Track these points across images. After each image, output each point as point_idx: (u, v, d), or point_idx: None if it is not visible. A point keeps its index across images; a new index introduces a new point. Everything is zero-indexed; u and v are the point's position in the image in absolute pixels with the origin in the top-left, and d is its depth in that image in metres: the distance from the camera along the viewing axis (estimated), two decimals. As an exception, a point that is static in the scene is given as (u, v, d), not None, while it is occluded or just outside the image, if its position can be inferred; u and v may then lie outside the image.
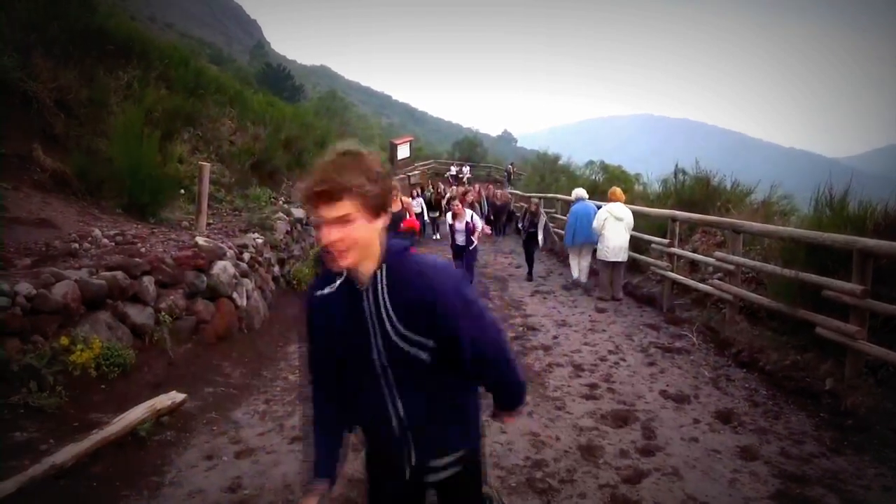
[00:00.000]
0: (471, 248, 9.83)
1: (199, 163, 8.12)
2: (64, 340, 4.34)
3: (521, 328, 7.48)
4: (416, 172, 34.72)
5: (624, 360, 6.23)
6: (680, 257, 8.43)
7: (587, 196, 10.80)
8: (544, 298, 9.52)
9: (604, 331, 7.38)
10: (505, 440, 4.28)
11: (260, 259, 7.93)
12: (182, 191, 9.14)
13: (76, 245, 5.72)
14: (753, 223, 7.04)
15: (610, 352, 6.49)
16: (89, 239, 6.02)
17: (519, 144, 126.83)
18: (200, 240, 6.72)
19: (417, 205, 16.42)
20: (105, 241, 6.12)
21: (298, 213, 10.35)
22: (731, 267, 6.82)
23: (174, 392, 4.56)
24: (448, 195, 17.15)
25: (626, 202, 9.43)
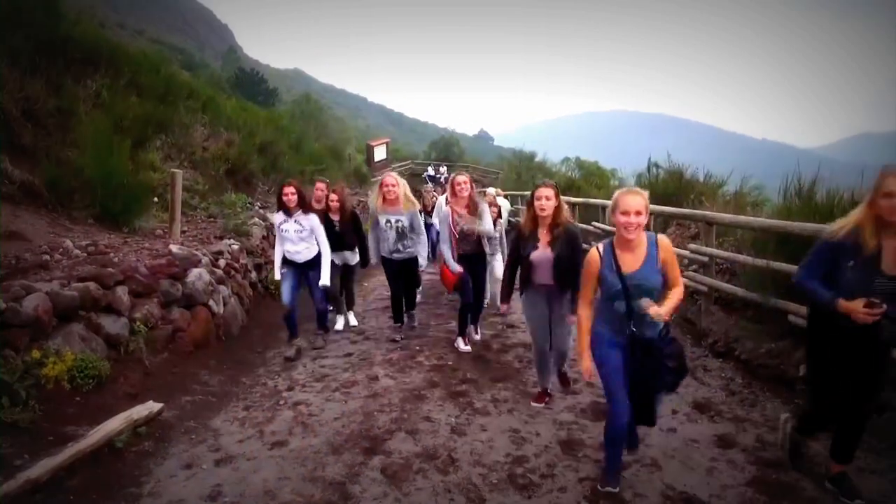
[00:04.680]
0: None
1: (172, 170, 8.04)
2: (35, 354, 4.27)
3: (500, 326, 7.50)
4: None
5: (603, 353, 6.28)
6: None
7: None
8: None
9: (582, 326, 7.42)
10: (486, 437, 4.31)
11: (236, 265, 7.88)
12: (155, 199, 9.05)
13: (47, 257, 5.64)
14: (725, 215, 7.13)
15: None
16: (60, 250, 5.94)
17: (496, 143, 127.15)
18: (174, 248, 6.66)
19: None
20: (77, 251, 6.04)
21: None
22: (705, 258, 6.90)
23: (151, 402, 4.51)
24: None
25: (602, 197, 9.70)
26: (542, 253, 4.57)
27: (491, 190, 9.79)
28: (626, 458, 3.91)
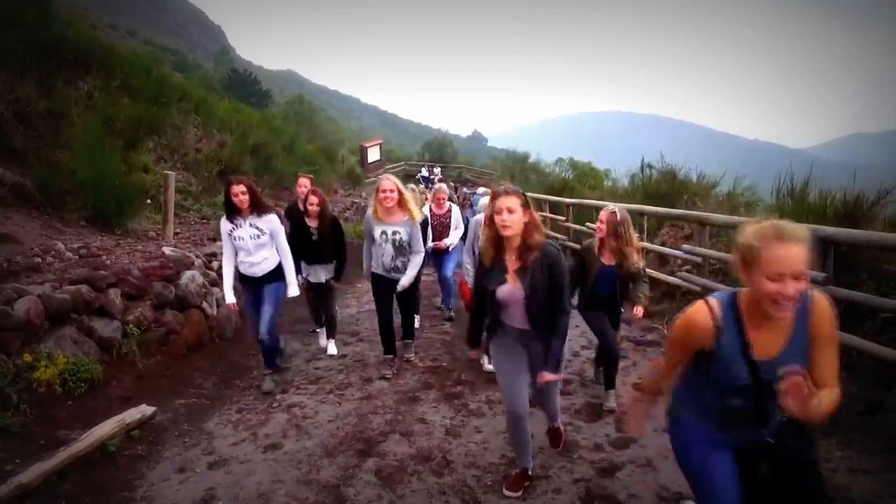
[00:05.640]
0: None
1: (164, 172, 8.02)
2: (27, 357, 4.25)
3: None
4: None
5: (597, 354, 6.29)
6: (649, 251, 8.53)
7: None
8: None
9: (576, 326, 7.37)
10: (480, 439, 4.31)
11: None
12: (148, 201, 9.02)
13: (39, 259, 5.61)
14: (719, 215, 7.16)
15: (583, 347, 6.54)
16: (52, 253, 5.91)
17: (490, 144, 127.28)
18: (167, 250, 6.63)
19: None
20: (69, 254, 6.01)
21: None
22: (699, 259, 6.92)
23: (144, 405, 4.49)
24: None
25: (595, 198, 9.61)
26: (512, 288, 3.25)
27: (481, 190, 9.83)
28: (621, 459, 3.93)
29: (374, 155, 35.51)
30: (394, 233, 5.42)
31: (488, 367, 5.51)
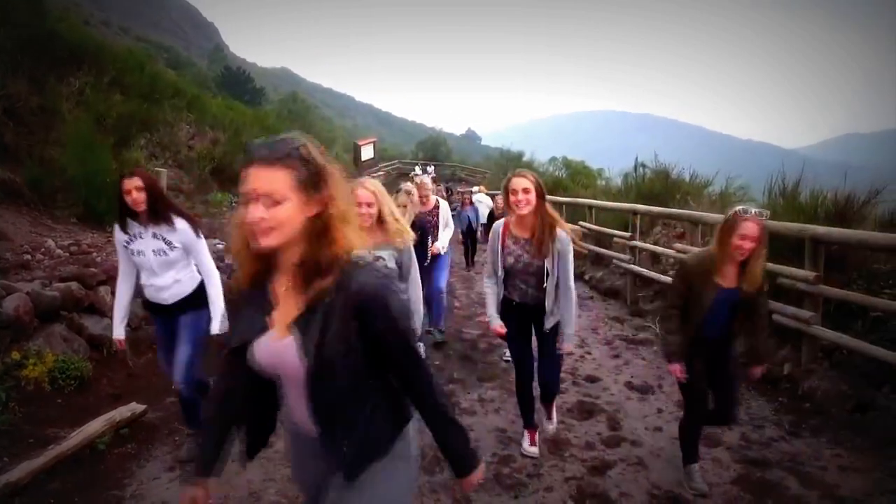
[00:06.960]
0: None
1: (156, 169, 7.98)
2: (15, 355, 4.23)
3: (486, 325, 7.48)
4: (381, 174, 34.59)
5: (589, 353, 6.30)
6: (641, 250, 8.54)
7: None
8: (511, 295, 9.53)
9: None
10: (472, 437, 4.27)
11: (221, 266, 7.81)
12: (140, 198, 8.98)
13: (29, 257, 5.58)
14: (711, 214, 7.16)
15: (575, 345, 6.53)
16: (42, 250, 5.88)
17: (484, 142, 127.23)
18: (159, 247, 6.60)
19: None
20: (59, 251, 5.98)
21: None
22: (691, 258, 6.93)
23: (134, 403, 4.46)
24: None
25: (588, 197, 9.69)
26: (279, 348, 1.53)
27: (476, 189, 9.85)
28: (613, 457, 3.93)
29: (367, 153, 35.46)
30: (375, 259, 2.58)
31: (529, 449, 4.02)
